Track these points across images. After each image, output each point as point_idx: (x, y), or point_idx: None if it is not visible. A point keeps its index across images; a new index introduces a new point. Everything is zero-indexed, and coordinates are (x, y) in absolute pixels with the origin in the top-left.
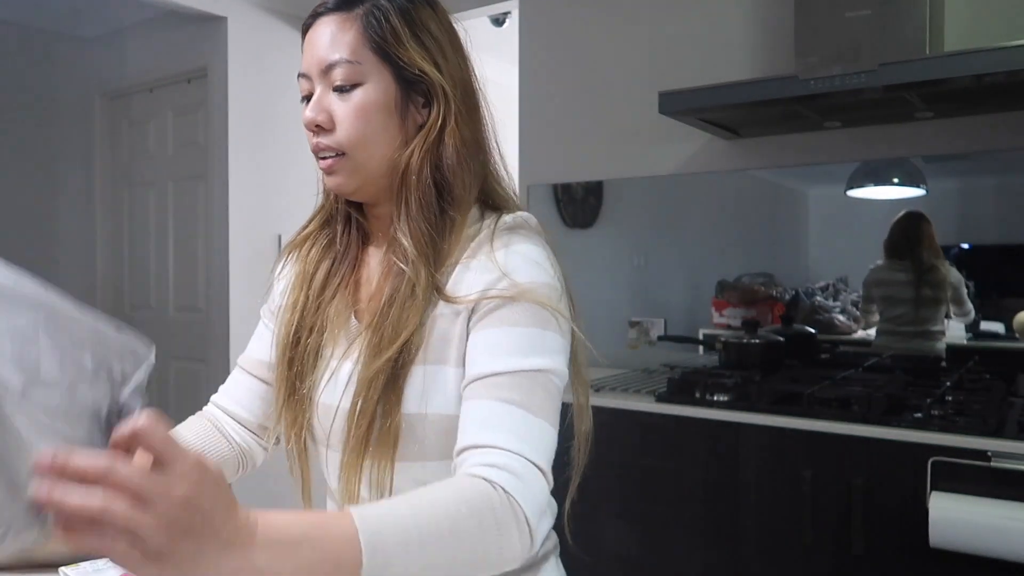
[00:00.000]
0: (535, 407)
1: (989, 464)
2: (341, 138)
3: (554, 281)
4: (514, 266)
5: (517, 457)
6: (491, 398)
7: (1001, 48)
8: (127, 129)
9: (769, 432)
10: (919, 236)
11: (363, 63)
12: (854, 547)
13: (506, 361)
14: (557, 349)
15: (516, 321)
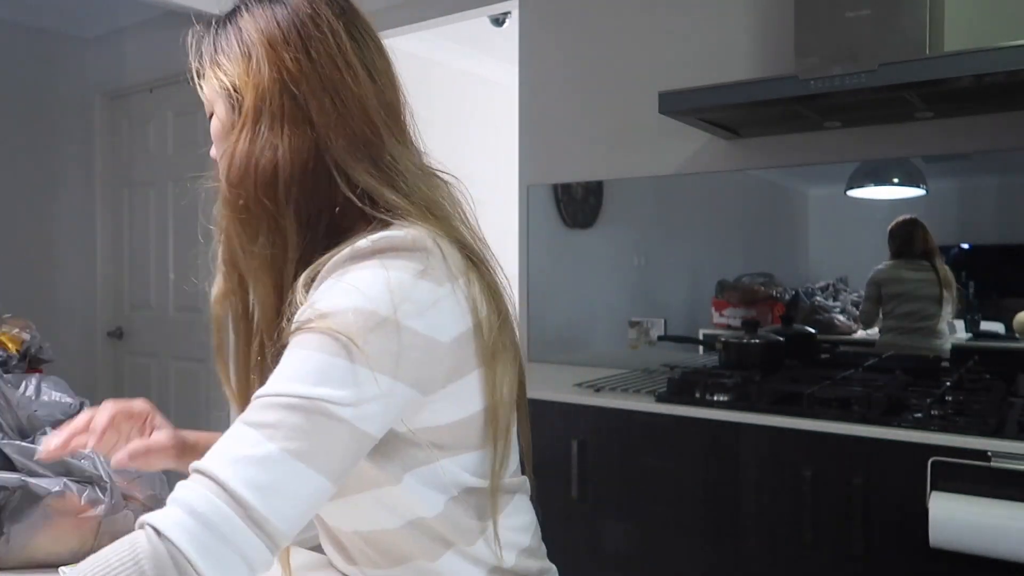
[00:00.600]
0: (269, 427)
1: (989, 464)
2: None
3: (376, 308)
4: (325, 294)
5: (197, 478)
6: (242, 422)
7: (1001, 48)
8: (127, 129)
9: (769, 432)
10: (926, 238)
11: (207, 92)
12: (854, 547)
13: (274, 386)
14: (343, 380)
15: (300, 346)
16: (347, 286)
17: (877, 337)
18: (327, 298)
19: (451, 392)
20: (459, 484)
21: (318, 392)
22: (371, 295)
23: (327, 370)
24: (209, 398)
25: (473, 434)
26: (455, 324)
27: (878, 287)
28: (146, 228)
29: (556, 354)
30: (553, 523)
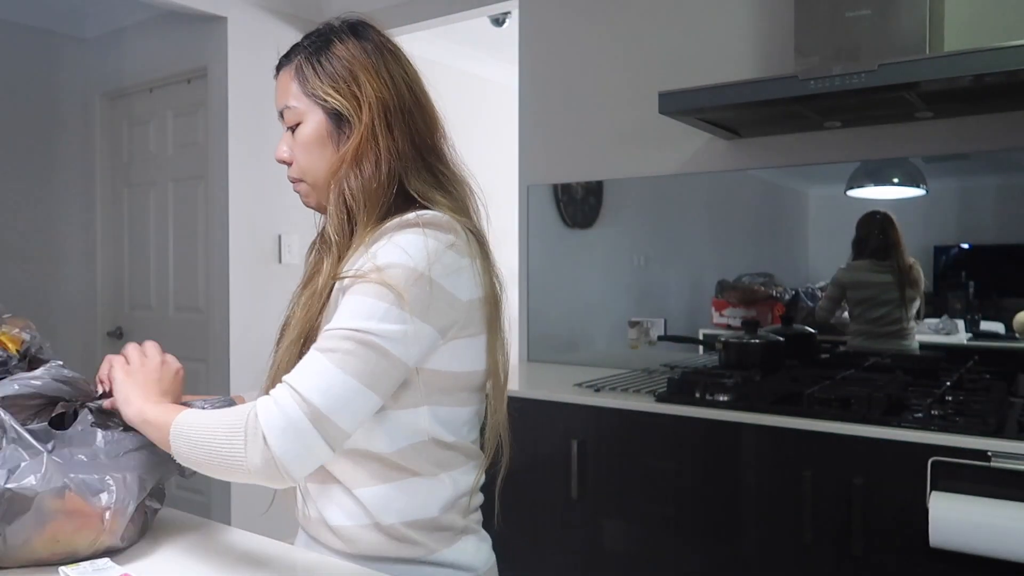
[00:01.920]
0: (335, 357)
1: (989, 464)
2: (296, 169)
3: (417, 266)
4: (382, 252)
5: (284, 386)
6: (315, 349)
7: (1001, 48)
8: (127, 129)
9: (769, 432)
10: (894, 236)
11: (299, 106)
12: (854, 547)
13: (338, 322)
14: (389, 318)
15: (358, 293)
16: (396, 247)
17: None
18: (383, 254)
19: (464, 345)
20: (430, 433)
21: (370, 326)
22: (414, 255)
23: (379, 311)
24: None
25: (469, 391)
26: (471, 290)
27: (842, 289)
28: (146, 228)
29: (556, 354)
30: (553, 523)
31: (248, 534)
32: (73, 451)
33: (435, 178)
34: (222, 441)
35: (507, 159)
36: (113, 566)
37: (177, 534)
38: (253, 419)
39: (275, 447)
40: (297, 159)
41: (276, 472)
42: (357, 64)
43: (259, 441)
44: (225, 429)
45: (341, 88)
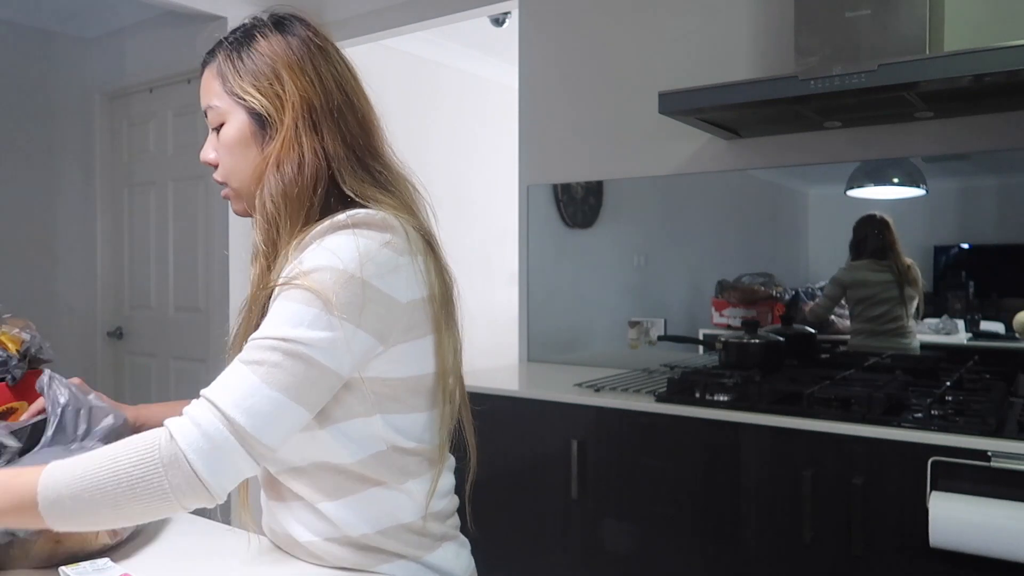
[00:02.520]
0: (260, 365)
1: (989, 464)
2: (224, 171)
3: (346, 268)
4: (308, 256)
5: (204, 403)
6: (237, 360)
7: (1001, 48)
8: (127, 129)
9: (769, 432)
10: (890, 237)
11: (222, 105)
12: (854, 547)
13: (263, 331)
14: (317, 325)
15: (283, 300)
16: (325, 250)
17: (848, 339)
18: (310, 259)
19: (407, 350)
20: (388, 441)
21: (297, 334)
22: (343, 257)
23: (305, 318)
24: None
25: (420, 395)
26: (411, 289)
27: (842, 289)
28: (146, 228)
29: (556, 354)
30: (553, 523)
31: (248, 534)
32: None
33: (372, 177)
34: (131, 472)
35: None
36: (113, 565)
37: (177, 534)
38: (167, 442)
39: (199, 468)
40: (222, 161)
41: (203, 493)
42: (280, 61)
43: (180, 464)
44: (133, 459)
45: (262, 87)
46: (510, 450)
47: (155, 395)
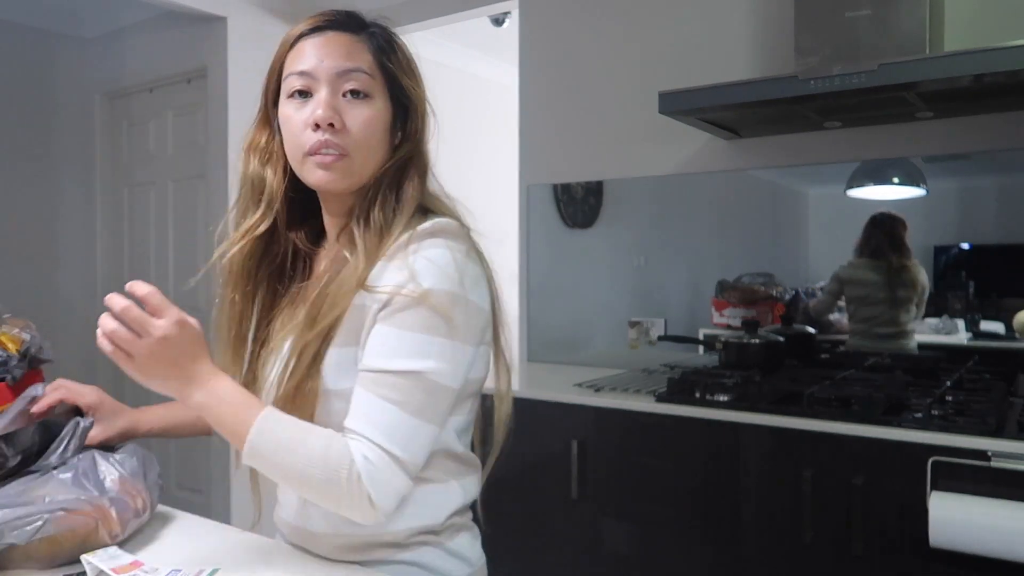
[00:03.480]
0: (410, 406)
1: (989, 464)
2: (349, 141)
3: (455, 288)
4: (421, 270)
5: (376, 449)
6: (375, 393)
7: (1001, 48)
8: (127, 129)
9: (769, 432)
10: (892, 237)
11: (375, 79)
12: (854, 547)
13: (393, 362)
14: (443, 354)
15: (410, 326)
16: (432, 264)
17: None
18: (422, 272)
19: (480, 354)
20: (443, 442)
21: (428, 366)
22: (450, 274)
23: (435, 349)
24: None
25: (474, 397)
26: (488, 297)
27: (840, 285)
28: (146, 228)
29: (556, 354)
30: (553, 523)
31: (248, 534)
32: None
33: (435, 184)
34: (319, 477)
35: (507, 159)
36: (124, 553)
37: (177, 534)
38: (356, 481)
39: (381, 506)
40: (354, 131)
41: (371, 512)
42: (414, 63)
43: (364, 501)
44: (322, 469)
45: (410, 82)
46: (510, 450)
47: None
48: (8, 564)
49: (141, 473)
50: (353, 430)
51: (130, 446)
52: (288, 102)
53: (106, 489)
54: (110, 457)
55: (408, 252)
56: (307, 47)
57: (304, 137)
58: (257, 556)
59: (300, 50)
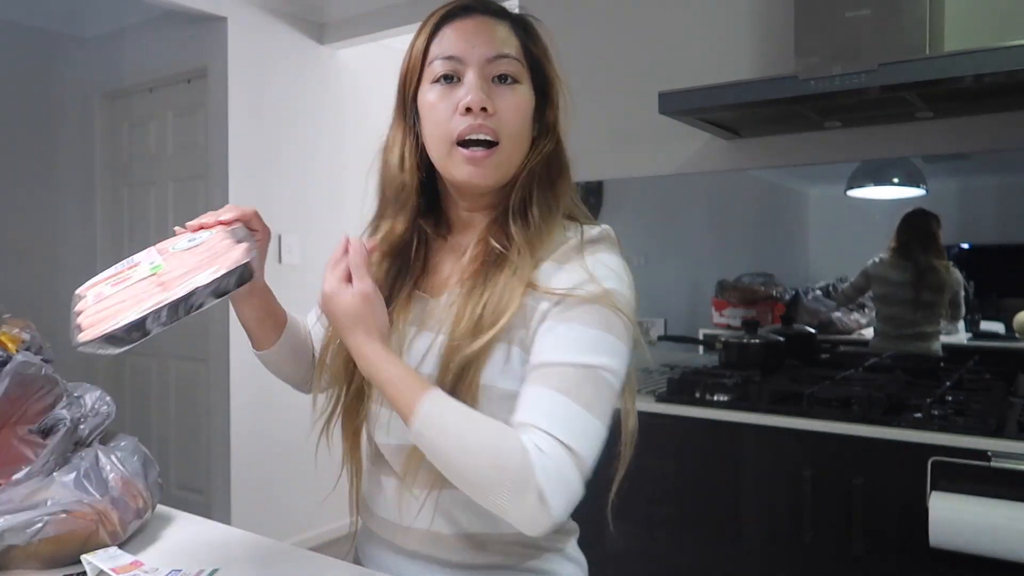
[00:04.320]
0: (583, 399)
1: (989, 464)
2: (501, 127)
3: (629, 293)
4: (601, 273)
5: (550, 438)
6: (547, 386)
7: (1001, 48)
8: (127, 129)
9: (769, 432)
10: (925, 235)
11: (522, 65)
12: (854, 547)
13: (568, 355)
14: (616, 352)
15: (588, 322)
16: (609, 270)
17: (871, 337)
18: (603, 275)
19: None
20: None
21: (605, 362)
22: (625, 279)
23: (611, 346)
24: (209, 398)
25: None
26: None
27: (867, 281)
28: (146, 228)
29: None
30: None
31: (248, 534)
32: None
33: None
34: (486, 462)
35: None
36: (124, 553)
37: (177, 534)
38: (529, 473)
39: (553, 505)
40: (506, 117)
41: (543, 522)
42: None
43: (534, 498)
44: (493, 453)
45: (558, 75)
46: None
47: (155, 395)
48: (9, 564)
49: (141, 473)
50: (524, 422)
51: (130, 445)
52: (431, 88)
53: (107, 490)
54: (112, 456)
55: (584, 255)
56: (452, 32)
57: (453, 123)
58: (257, 556)
59: (445, 35)
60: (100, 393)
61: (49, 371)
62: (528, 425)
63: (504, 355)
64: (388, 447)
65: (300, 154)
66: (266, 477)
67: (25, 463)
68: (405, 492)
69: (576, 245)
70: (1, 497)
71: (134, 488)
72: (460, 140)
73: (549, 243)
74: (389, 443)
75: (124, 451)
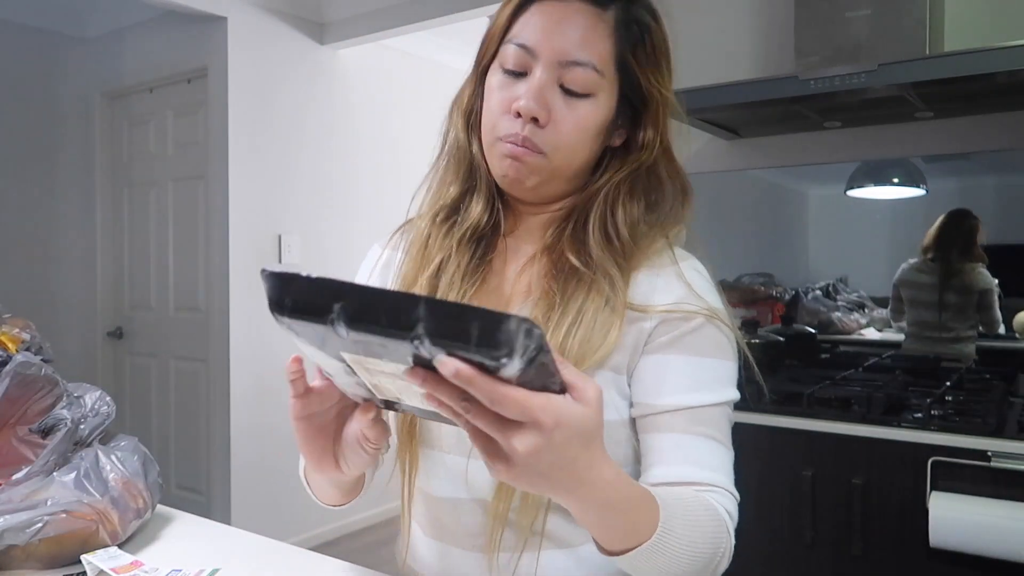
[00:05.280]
0: (727, 440)
1: (989, 464)
2: (552, 142)
3: (725, 306)
4: (699, 286)
5: (731, 498)
6: (696, 434)
7: (1001, 48)
8: (127, 129)
9: (769, 432)
10: (954, 237)
11: (605, 76)
12: (854, 547)
13: (703, 395)
14: (734, 379)
15: (707, 351)
16: (702, 278)
17: (876, 337)
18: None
19: None
20: None
21: (730, 395)
22: (717, 290)
23: (730, 375)
24: (209, 398)
25: None
26: None
27: (897, 289)
28: (146, 228)
29: None
30: None
31: (248, 534)
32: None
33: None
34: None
35: None
36: (124, 553)
37: (177, 534)
38: (729, 546)
39: (723, 567)
40: (562, 133)
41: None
42: (665, 53)
43: (725, 563)
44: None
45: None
46: None
47: (155, 395)
48: (9, 564)
49: (141, 473)
50: (711, 483)
51: (130, 445)
52: (498, 71)
53: (107, 490)
54: (112, 456)
55: (676, 263)
56: (538, 15)
57: (502, 121)
58: (257, 556)
59: (529, 16)
60: (100, 393)
61: (49, 371)
62: (715, 487)
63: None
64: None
65: (300, 154)
66: (266, 477)
67: (25, 463)
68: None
69: (661, 248)
70: (1, 497)
71: (134, 488)
72: (501, 138)
73: (639, 256)
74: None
75: (124, 451)
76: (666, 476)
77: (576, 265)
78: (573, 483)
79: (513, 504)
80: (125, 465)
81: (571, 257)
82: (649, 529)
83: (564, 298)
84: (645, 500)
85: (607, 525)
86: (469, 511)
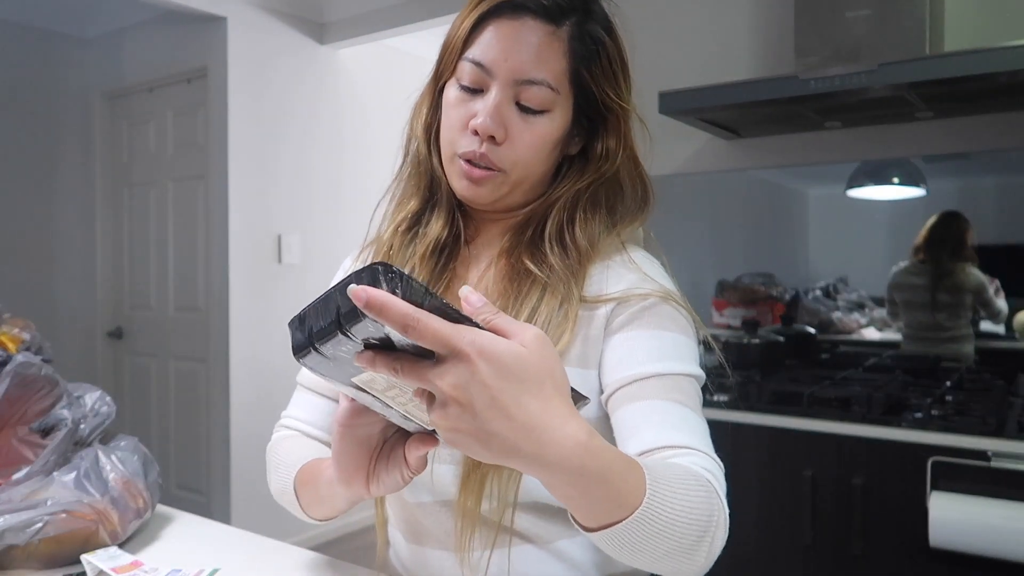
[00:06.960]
0: (701, 416)
1: (989, 464)
2: (510, 158)
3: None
4: (650, 269)
5: (712, 460)
6: (667, 399)
7: (1001, 48)
8: (127, 129)
9: (769, 432)
10: (944, 238)
11: (560, 93)
12: (854, 547)
13: (671, 364)
14: (696, 355)
15: (668, 327)
16: (652, 264)
17: (876, 337)
18: (657, 275)
19: None
20: None
21: (698, 372)
22: (669, 276)
23: (692, 351)
24: (209, 398)
25: None
26: None
27: (891, 292)
28: (146, 228)
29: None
30: None
31: (248, 534)
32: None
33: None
34: (701, 524)
35: None
36: (124, 553)
37: (177, 534)
38: (721, 512)
39: (720, 541)
40: (518, 150)
41: (711, 559)
42: (623, 64)
43: (722, 532)
44: (706, 511)
45: (619, 95)
46: None
47: (155, 395)
48: (9, 564)
49: (141, 473)
50: (686, 445)
51: (130, 445)
52: (455, 87)
53: (107, 490)
54: (112, 456)
55: (624, 251)
56: (493, 33)
57: (460, 139)
58: (257, 556)
59: (485, 34)
60: (100, 393)
61: (49, 371)
62: (686, 448)
63: (576, 377)
64: (428, 505)
65: (300, 154)
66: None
67: (25, 463)
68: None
69: (614, 241)
70: (1, 497)
71: (134, 488)
72: (460, 157)
73: (594, 256)
74: (431, 500)
75: (124, 451)
76: (643, 444)
77: (531, 268)
78: (524, 436)
79: (483, 505)
80: (125, 465)
81: (527, 261)
82: (635, 498)
83: (518, 300)
84: (628, 466)
85: (586, 496)
86: (438, 513)
